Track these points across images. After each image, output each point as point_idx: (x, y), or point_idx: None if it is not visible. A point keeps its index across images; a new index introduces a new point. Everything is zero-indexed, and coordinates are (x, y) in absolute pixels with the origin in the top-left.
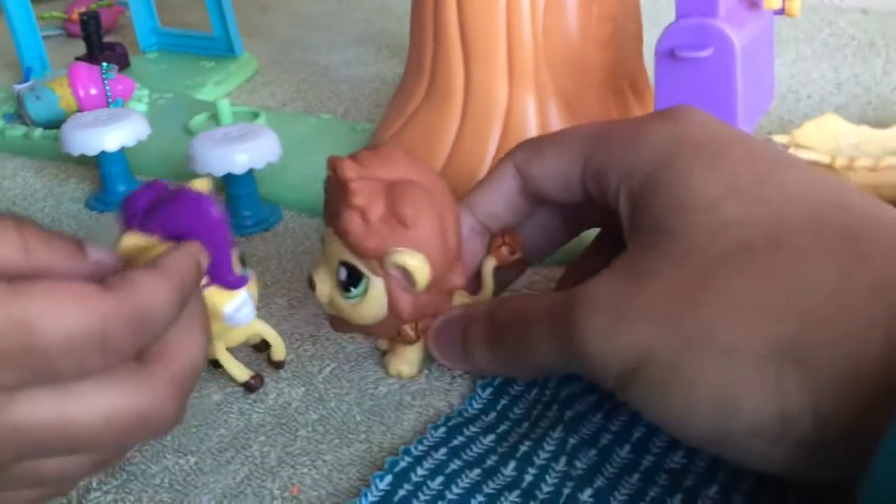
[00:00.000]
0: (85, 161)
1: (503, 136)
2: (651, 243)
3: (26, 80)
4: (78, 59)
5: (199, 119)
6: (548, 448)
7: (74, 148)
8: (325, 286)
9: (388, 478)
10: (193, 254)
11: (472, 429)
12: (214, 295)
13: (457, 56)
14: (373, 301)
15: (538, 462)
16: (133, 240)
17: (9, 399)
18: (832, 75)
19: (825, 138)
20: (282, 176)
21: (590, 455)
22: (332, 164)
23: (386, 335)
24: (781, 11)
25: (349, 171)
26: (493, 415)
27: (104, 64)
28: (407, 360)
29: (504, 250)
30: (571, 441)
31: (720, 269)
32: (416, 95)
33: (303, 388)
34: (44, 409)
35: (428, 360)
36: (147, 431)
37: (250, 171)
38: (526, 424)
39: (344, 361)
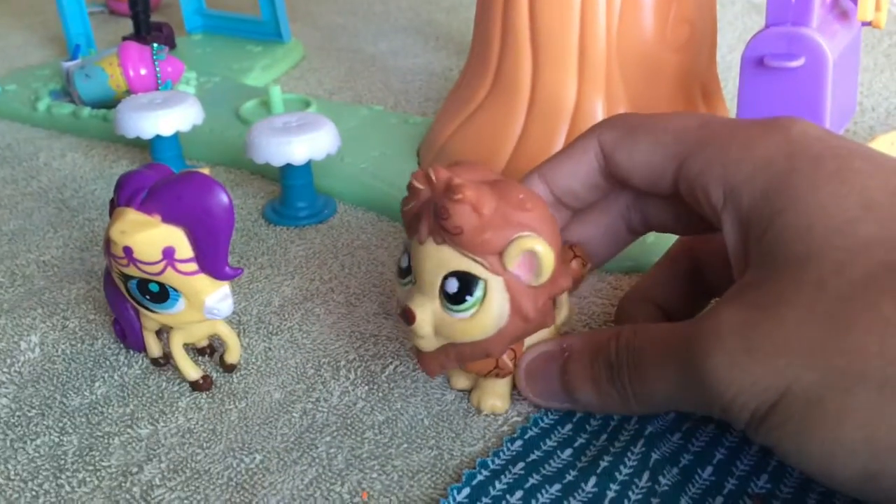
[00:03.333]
0: (135, 142)
1: (569, 138)
2: (779, 268)
3: (74, 57)
4: (126, 38)
5: (249, 105)
6: (629, 463)
7: (129, 130)
8: (426, 314)
9: (466, 490)
10: None
11: (549, 443)
12: (200, 282)
13: (525, 53)
14: (492, 306)
15: (620, 478)
16: (132, 216)
17: None
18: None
19: None
20: (336, 168)
21: (673, 473)
22: (421, 174)
23: (483, 369)
24: (870, 23)
25: (445, 171)
26: (569, 426)
27: (155, 45)
28: (499, 394)
29: (575, 264)
30: (654, 456)
31: (866, 295)
32: (480, 92)
33: (366, 387)
34: None
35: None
36: None
37: (308, 162)
38: (604, 437)
39: (406, 359)
